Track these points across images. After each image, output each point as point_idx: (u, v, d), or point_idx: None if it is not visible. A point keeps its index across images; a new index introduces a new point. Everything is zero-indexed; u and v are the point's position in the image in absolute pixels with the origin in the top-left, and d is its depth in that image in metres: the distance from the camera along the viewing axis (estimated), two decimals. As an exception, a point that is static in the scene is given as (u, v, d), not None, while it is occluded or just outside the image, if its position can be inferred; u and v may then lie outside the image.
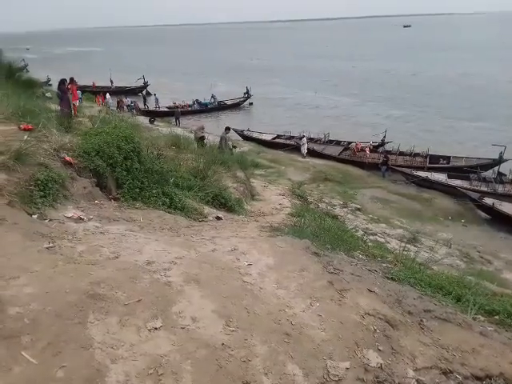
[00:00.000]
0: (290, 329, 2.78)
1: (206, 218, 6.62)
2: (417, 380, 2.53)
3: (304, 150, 22.31)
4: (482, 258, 11.54)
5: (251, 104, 37.70)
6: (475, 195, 15.85)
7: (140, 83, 41.51)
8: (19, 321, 2.37)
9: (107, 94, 31.51)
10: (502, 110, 30.79)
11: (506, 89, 38.26)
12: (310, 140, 24.06)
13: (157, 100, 34.07)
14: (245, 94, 37.04)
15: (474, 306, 3.68)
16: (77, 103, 12.70)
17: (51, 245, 3.58)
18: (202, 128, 14.80)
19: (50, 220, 4.36)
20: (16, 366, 2.08)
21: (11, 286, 2.73)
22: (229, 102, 36.68)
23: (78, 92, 19.62)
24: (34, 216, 4.30)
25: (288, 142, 24.18)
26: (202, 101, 34.99)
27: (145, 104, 34.36)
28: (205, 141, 13.73)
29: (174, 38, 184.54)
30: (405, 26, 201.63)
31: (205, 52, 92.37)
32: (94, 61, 76.80)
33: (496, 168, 18.46)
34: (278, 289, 3.30)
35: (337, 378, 2.42)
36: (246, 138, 25.61)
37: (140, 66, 58.08)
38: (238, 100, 37.10)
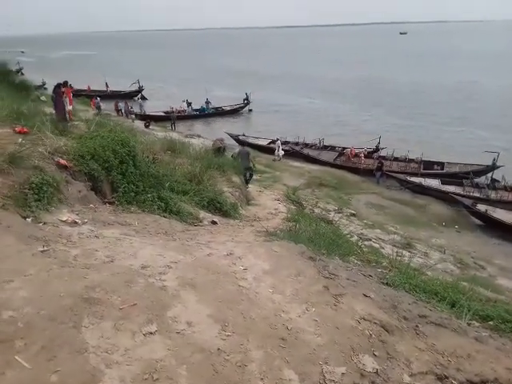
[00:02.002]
0: (286, 334, 2.78)
1: (201, 222, 6.61)
2: (412, 385, 2.53)
3: (278, 152, 22.79)
4: (475, 263, 11.60)
5: (251, 110, 37.30)
6: (468, 201, 15.94)
7: (135, 87, 41.25)
8: (13, 325, 2.35)
9: (97, 97, 31.39)
10: (496, 118, 31.05)
11: (501, 97, 38.60)
12: (306, 146, 24.21)
13: (141, 105, 33.23)
14: (244, 100, 36.70)
15: (469, 311, 3.69)
16: (71, 107, 12.58)
17: (45, 248, 3.56)
18: (222, 140, 14.98)
19: (45, 223, 4.33)
20: (9, 370, 2.06)
21: (5, 289, 2.71)
22: (227, 108, 36.25)
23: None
24: (28, 219, 4.28)
25: (283, 147, 24.24)
26: (198, 106, 34.77)
27: (130, 108, 33.78)
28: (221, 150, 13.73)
29: (175, 44, 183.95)
30: (401, 33, 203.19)
31: (205, 57, 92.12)
32: (91, 65, 76.45)
33: (489, 174, 18.62)
34: (273, 293, 3.30)
35: (333, 383, 2.41)
36: (242, 143, 25.64)
37: (137, 70, 57.87)
38: (237, 106, 36.67)
